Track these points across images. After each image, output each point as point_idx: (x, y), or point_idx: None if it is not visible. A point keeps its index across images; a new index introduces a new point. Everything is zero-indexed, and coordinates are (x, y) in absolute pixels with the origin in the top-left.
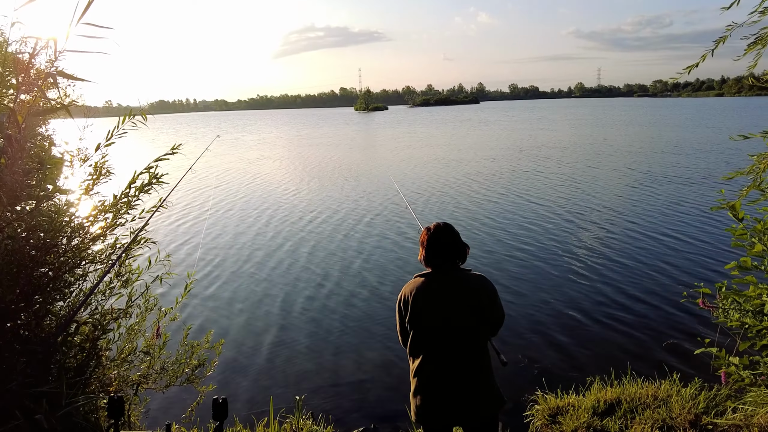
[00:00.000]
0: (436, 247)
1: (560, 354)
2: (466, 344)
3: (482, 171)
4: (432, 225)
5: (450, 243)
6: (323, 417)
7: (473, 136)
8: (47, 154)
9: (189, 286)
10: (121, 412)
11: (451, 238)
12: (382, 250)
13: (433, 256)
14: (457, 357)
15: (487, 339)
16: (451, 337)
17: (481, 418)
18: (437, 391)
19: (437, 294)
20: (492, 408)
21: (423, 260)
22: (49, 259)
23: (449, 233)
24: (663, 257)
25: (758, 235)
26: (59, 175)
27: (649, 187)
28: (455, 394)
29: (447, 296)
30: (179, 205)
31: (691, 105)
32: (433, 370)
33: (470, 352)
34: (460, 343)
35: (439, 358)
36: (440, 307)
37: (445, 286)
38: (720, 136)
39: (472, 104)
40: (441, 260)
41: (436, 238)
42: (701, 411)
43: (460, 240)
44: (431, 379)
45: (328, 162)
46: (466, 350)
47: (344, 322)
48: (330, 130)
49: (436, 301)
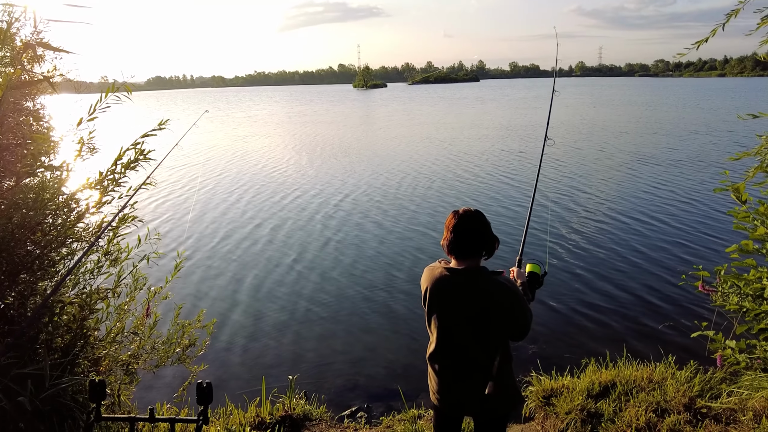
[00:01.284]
0: (463, 237)
1: (555, 336)
2: (470, 344)
3: (471, 151)
4: (461, 209)
5: (476, 234)
6: (316, 396)
7: (468, 114)
8: (31, 129)
9: (179, 264)
10: (103, 395)
11: (478, 228)
12: (374, 229)
13: (457, 246)
14: (461, 354)
15: (500, 341)
16: (456, 335)
17: (487, 412)
18: (443, 381)
19: (449, 290)
20: (502, 404)
21: (446, 246)
22: (34, 237)
23: (477, 222)
24: (662, 240)
25: (761, 218)
26: (47, 151)
27: (648, 169)
28: (458, 389)
29: (457, 296)
30: (167, 183)
31: (690, 85)
32: (440, 362)
33: (474, 352)
34: (466, 342)
35: (445, 352)
36: (449, 304)
37: (458, 286)
38: (711, 116)
39: (472, 82)
40: (466, 252)
41: (461, 225)
42: (696, 394)
43: (489, 232)
44: (438, 369)
45: (318, 140)
46: (470, 349)
47: (337, 301)
48: (321, 107)
49: (446, 297)
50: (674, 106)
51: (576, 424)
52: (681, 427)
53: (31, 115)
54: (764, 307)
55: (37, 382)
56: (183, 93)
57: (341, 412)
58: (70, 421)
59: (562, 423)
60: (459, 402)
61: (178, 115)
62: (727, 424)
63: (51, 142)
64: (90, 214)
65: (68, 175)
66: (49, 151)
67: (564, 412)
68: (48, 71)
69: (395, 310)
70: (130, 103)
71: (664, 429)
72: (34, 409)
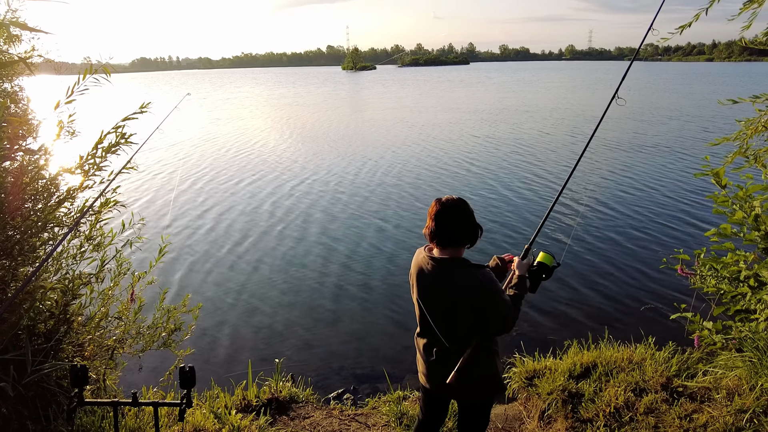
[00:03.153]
0: (445, 225)
1: (538, 318)
2: (444, 332)
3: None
4: (444, 198)
5: (458, 223)
6: (302, 379)
7: (447, 97)
8: (8, 111)
9: (163, 249)
10: (85, 380)
11: (460, 217)
12: (357, 212)
13: (439, 234)
14: (437, 340)
15: (471, 334)
16: (433, 321)
17: (466, 397)
18: (426, 362)
19: (427, 278)
20: (473, 397)
21: (428, 234)
22: (14, 222)
23: (459, 211)
24: (644, 224)
25: (739, 202)
26: (24, 135)
27: (629, 155)
28: (439, 372)
29: (433, 284)
30: (149, 167)
31: (674, 70)
32: (424, 345)
33: (447, 340)
34: (440, 329)
35: (425, 335)
36: (426, 290)
37: (434, 275)
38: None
39: (462, 65)
40: (447, 240)
41: (443, 214)
42: (673, 374)
43: (471, 221)
44: (422, 350)
45: (302, 124)
46: (443, 337)
47: (322, 285)
48: (304, 90)
49: (424, 284)
50: (657, 91)
51: (557, 404)
52: (658, 406)
53: (8, 97)
54: (741, 289)
55: (18, 368)
56: (167, 75)
57: (327, 394)
58: (54, 406)
59: (544, 403)
60: (440, 384)
61: (160, 97)
62: (702, 402)
63: (28, 125)
64: (71, 198)
65: (48, 159)
66: (27, 134)
67: (546, 393)
68: (25, 52)
69: (380, 292)
70: (110, 85)
71: (642, 408)
72: (17, 394)
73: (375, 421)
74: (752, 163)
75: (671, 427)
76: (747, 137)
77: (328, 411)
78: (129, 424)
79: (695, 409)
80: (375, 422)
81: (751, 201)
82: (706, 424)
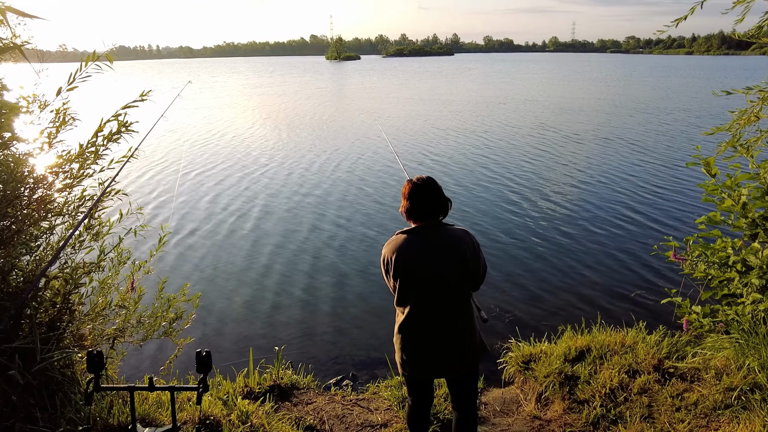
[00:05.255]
0: (420, 201)
1: (533, 304)
2: (453, 295)
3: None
4: (415, 178)
5: (434, 197)
6: (303, 366)
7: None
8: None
9: (163, 238)
10: (101, 366)
11: (434, 192)
12: (359, 197)
13: (416, 210)
14: (444, 308)
15: (470, 292)
16: (439, 289)
17: (467, 367)
18: (424, 344)
19: (422, 249)
20: (477, 357)
21: (405, 212)
22: (11, 211)
23: (433, 187)
24: (636, 212)
25: (728, 191)
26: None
27: (623, 144)
28: (443, 346)
29: (432, 250)
30: (150, 156)
31: (651, 63)
32: (420, 324)
33: (457, 303)
34: (448, 295)
35: (425, 311)
36: (426, 260)
37: (430, 241)
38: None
39: (447, 56)
40: (424, 214)
41: (419, 191)
42: (664, 356)
43: (442, 194)
44: (418, 332)
45: (290, 114)
46: (453, 301)
47: (321, 273)
48: (277, 79)
49: (421, 255)
50: (652, 83)
51: (554, 387)
52: (650, 386)
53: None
54: (728, 274)
55: (24, 356)
56: (146, 64)
57: (328, 380)
58: (61, 395)
59: (541, 386)
60: (433, 367)
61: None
62: (692, 381)
63: (21, 112)
64: (70, 187)
65: (46, 147)
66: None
67: (542, 376)
68: (8, 38)
69: (376, 279)
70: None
71: (635, 388)
72: (25, 383)
73: (377, 406)
74: (742, 152)
75: (664, 405)
76: (740, 127)
77: (329, 397)
78: (138, 410)
79: (686, 389)
80: (377, 406)
81: (739, 189)
82: (697, 402)
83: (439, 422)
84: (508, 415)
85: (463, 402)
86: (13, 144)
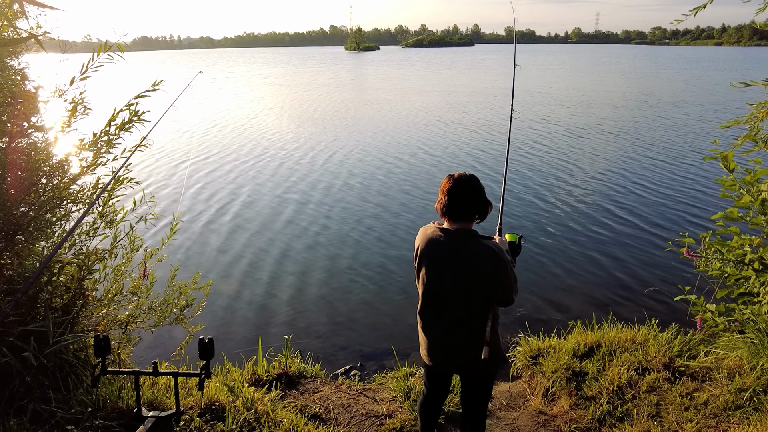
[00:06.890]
0: (458, 200)
1: (543, 299)
2: (455, 304)
3: (456, 118)
4: (456, 173)
5: (470, 197)
6: (311, 355)
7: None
8: (20, 88)
9: (174, 227)
10: (108, 350)
11: (472, 191)
12: (364, 192)
13: (452, 209)
14: (445, 313)
15: (484, 304)
16: (442, 294)
17: (473, 371)
18: (430, 333)
19: (440, 250)
20: (487, 365)
21: (439, 209)
22: (28, 198)
23: (471, 186)
24: (650, 207)
25: (746, 187)
26: (34, 112)
27: (637, 138)
28: (447, 342)
29: (447, 255)
30: (162, 145)
31: (674, 54)
32: (425, 318)
33: (458, 312)
34: (451, 302)
35: (430, 309)
36: (438, 262)
37: (449, 246)
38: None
39: (467, 47)
40: (457, 215)
41: (456, 189)
42: (675, 354)
43: (482, 195)
44: (424, 326)
45: (304, 105)
46: (454, 309)
47: (332, 262)
48: (288, 71)
49: (436, 256)
50: (665, 75)
51: (561, 382)
52: (660, 384)
53: (18, 74)
54: (745, 272)
55: (38, 339)
56: (166, 54)
57: (335, 370)
58: (74, 377)
59: (548, 381)
60: (445, 359)
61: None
62: (703, 381)
63: (39, 101)
64: (84, 175)
65: (61, 136)
66: (37, 111)
67: (550, 371)
68: (31, 28)
69: (388, 270)
70: (112, 65)
71: (644, 386)
72: (39, 364)
73: (383, 396)
74: (762, 146)
75: (672, 404)
76: (758, 120)
77: (336, 386)
78: (146, 394)
79: (696, 388)
80: (383, 397)
81: (759, 185)
82: (707, 402)
83: (444, 414)
84: (514, 410)
85: (468, 406)
86: (31, 132)
